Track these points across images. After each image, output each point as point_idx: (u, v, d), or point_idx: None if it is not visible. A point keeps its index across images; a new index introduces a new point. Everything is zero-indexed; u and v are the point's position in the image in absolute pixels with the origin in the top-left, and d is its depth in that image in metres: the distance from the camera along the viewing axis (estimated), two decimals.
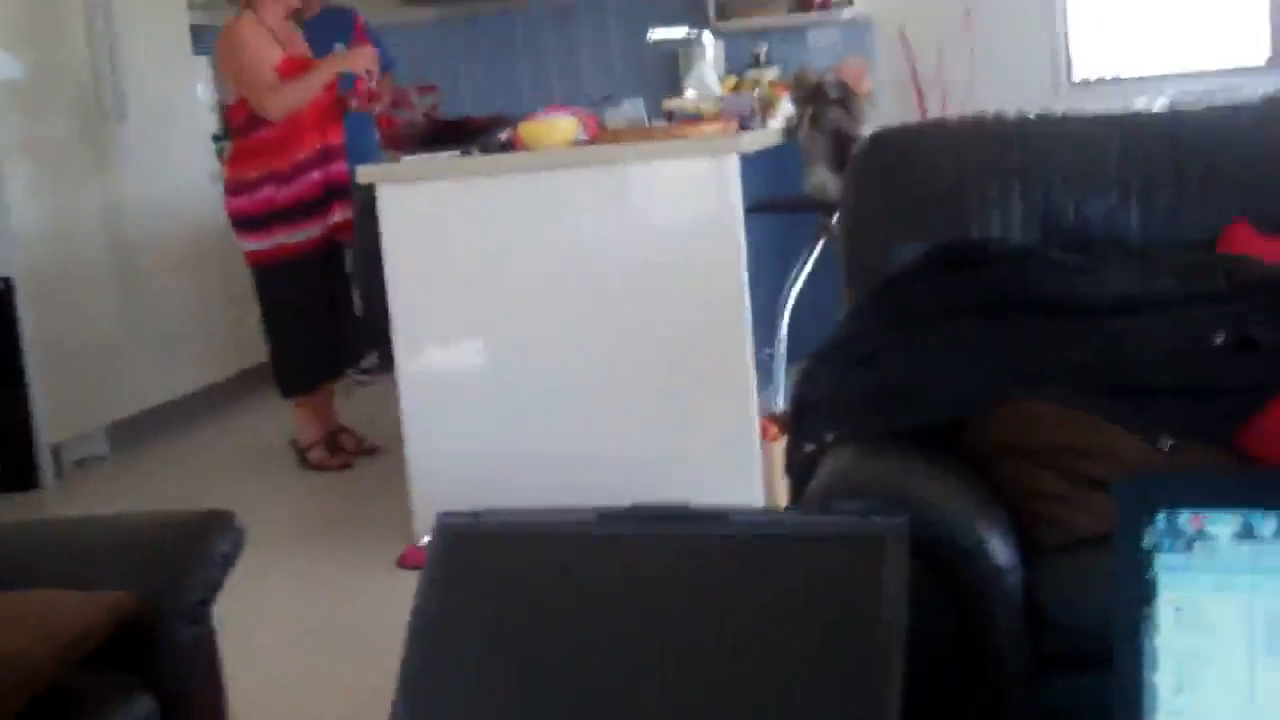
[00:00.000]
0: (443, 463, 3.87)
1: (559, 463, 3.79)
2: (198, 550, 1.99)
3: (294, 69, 4.77)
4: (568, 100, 7.23)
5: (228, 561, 2.03)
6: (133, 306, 5.57)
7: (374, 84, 4.85)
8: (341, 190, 4.83)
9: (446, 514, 1.29)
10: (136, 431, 5.59)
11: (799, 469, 2.18)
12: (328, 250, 4.88)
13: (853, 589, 1.29)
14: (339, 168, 4.84)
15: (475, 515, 1.27)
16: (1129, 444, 1.87)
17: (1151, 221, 2.39)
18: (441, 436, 3.88)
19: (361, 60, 4.83)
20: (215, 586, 2.00)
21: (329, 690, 3.09)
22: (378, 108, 4.89)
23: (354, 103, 4.89)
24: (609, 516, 1.25)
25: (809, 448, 2.13)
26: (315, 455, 5.02)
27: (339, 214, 4.82)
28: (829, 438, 2.10)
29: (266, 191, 4.76)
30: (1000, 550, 1.79)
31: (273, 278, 4.90)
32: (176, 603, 1.95)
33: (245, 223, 4.85)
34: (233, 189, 4.86)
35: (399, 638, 3.33)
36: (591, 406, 3.79)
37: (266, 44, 4.75)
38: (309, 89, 4.74)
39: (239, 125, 4.83)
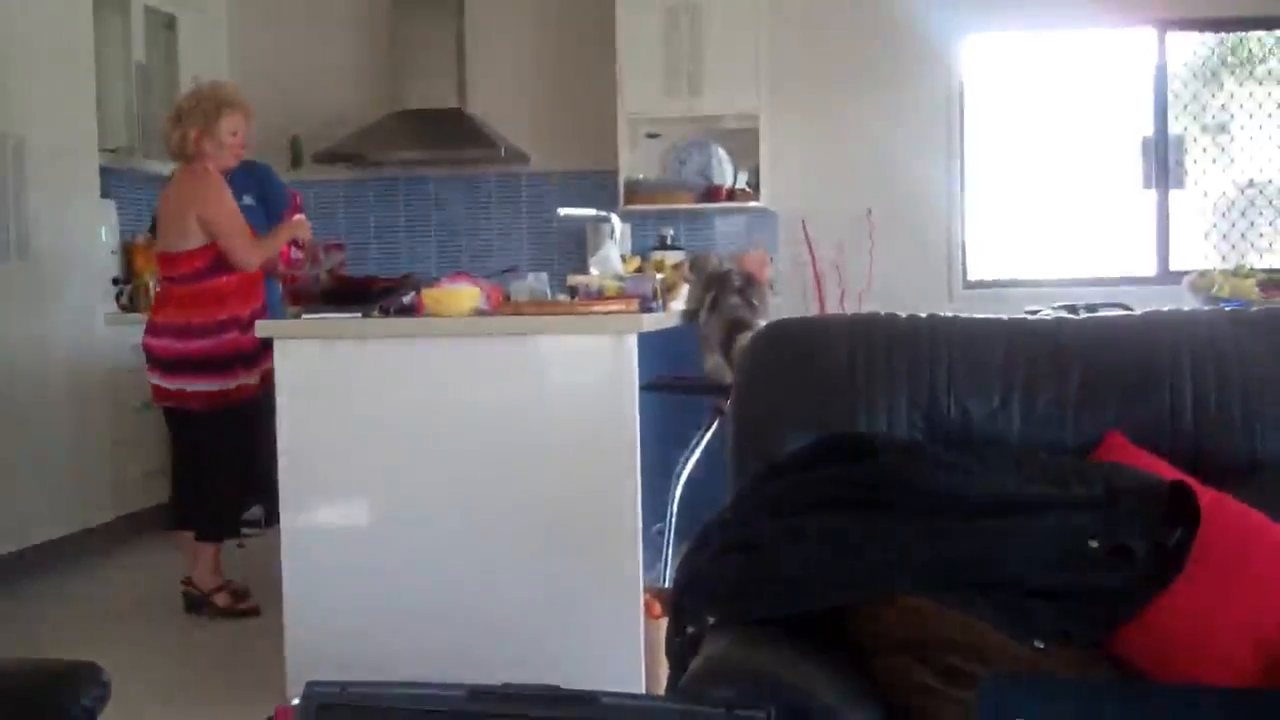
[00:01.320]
0: (321, 623, 3.81)
1: (440, 630, 3.75)
2: (59, 703, 1.93)
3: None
4: (475, 268, 7.34)
5: (89, 717, 1.97)
6: (11, 445, 5.46)
7: (301, 256, 5.03)
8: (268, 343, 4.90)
9: (314, 683, 1.27)
10: (5, 570, 5.43)
11: (679, 651, 2.17)
12: (258, 398, 4.89)
13: None
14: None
15: (343, 686, 1.25)
16: (1002, 642, 1.89)
17: (1032, 425, 2.45)
18: (322, 595, 3.82)
19: (304, 232, 5.12)
20: None
21: None
22: (321, 275, 5.01)
23: (281, 269, 5.06)
24: (480, 694, 1.24)
25: (689, 630, 2.13)
26: (222, 599, 4.96)
27: (267, 363, 4.84)
28: (709, 621, 2.10)
29: (232, 335, 4.87)
30: None
31: (225, 418, 4.93)
32: None
33: (204, 364, 4.89)
34: (188, 332, 4.89)
35: None
36: (477, 573, 3.76)
37: (232, 198, 4.94)
38: (275, 246, 5.04)
39: (195, 271, 4.91)
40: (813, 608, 2.05)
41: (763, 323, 4.37)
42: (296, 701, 3.70)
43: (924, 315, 2.64)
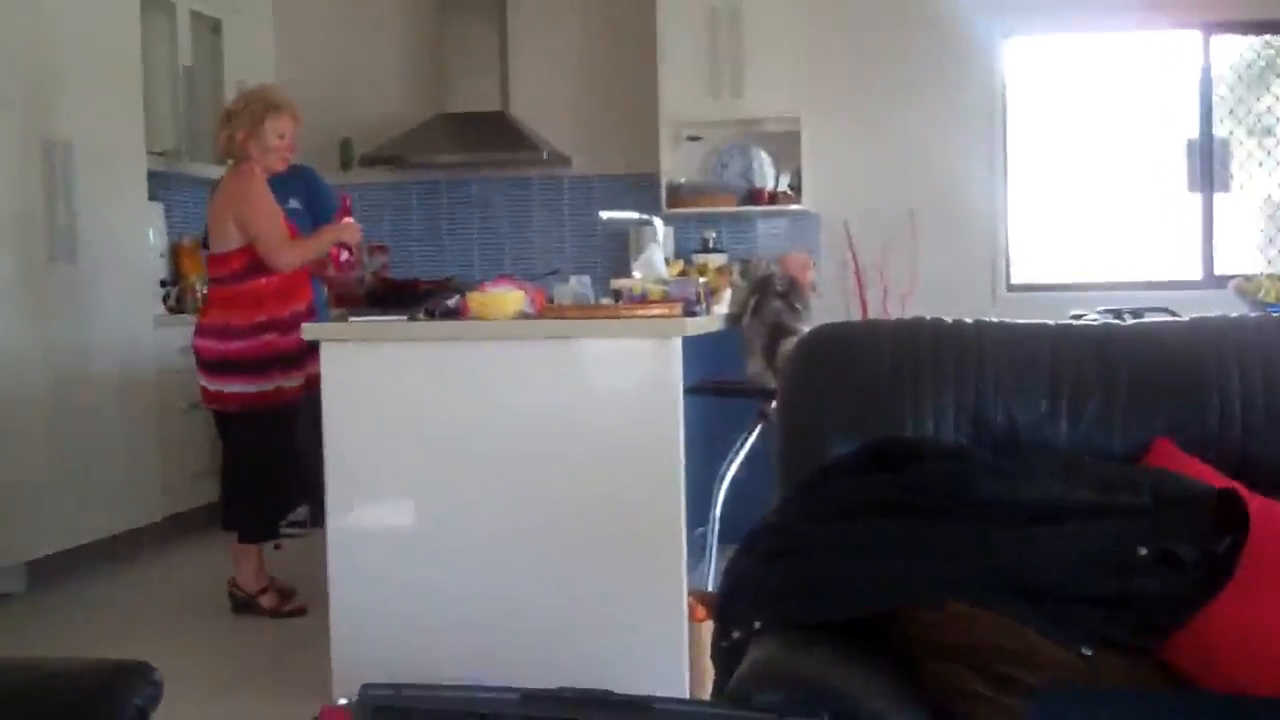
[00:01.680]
0: (366, 623, 3.84)
1: (483, 631, 3.77)
2: (112, 702, 1.95)
3: (290, 226, 5.04)
4: (517, 271, 7.37)
5: (142, 716, 1.99)
6: (62, 445, 5.53)
7: (352, 258, 5.05)
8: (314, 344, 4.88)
9: (369, 686, 1.29)
10: (55, 570, 5.50)
11: (724, 655, 2.18)
12: (303, 400, 4.92)
13: None
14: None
15: (397, 688, 1.27)
16: (1050, 649, 1.89)
17: (1079, 431, 2.45)
18: (367, 597, 3.85)
19: (353, 234, 5.06)
20: None
21: None
22: (365, 277, 5.04)
23: (330, 271, 5.04)
24: (533, 698, 1.25)
25: (735, 635, 2.14)
26: (268, 600, 4.99)
27: (313, 366, 4.85)
28: (755, 625, 2.11)
29: (270, 336, 4.89)
30: None
31: (263, 421, 4.95)
32: None
33: (240, 365, 4.91)
34: (227, 333, 4.92)
35: None
36: (520, 576, 3.78)
37: (273, 199, 4.96)
38: (317, 249, 5.01)
39: (235, 272, 4.94)
40: (859, 613, 2.06)
41: (805, 327, 4.37)
42: (344, 702, 3.72)
43: (970, 320, 2.64)
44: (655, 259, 4.59)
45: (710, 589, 4.40)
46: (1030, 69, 7.47)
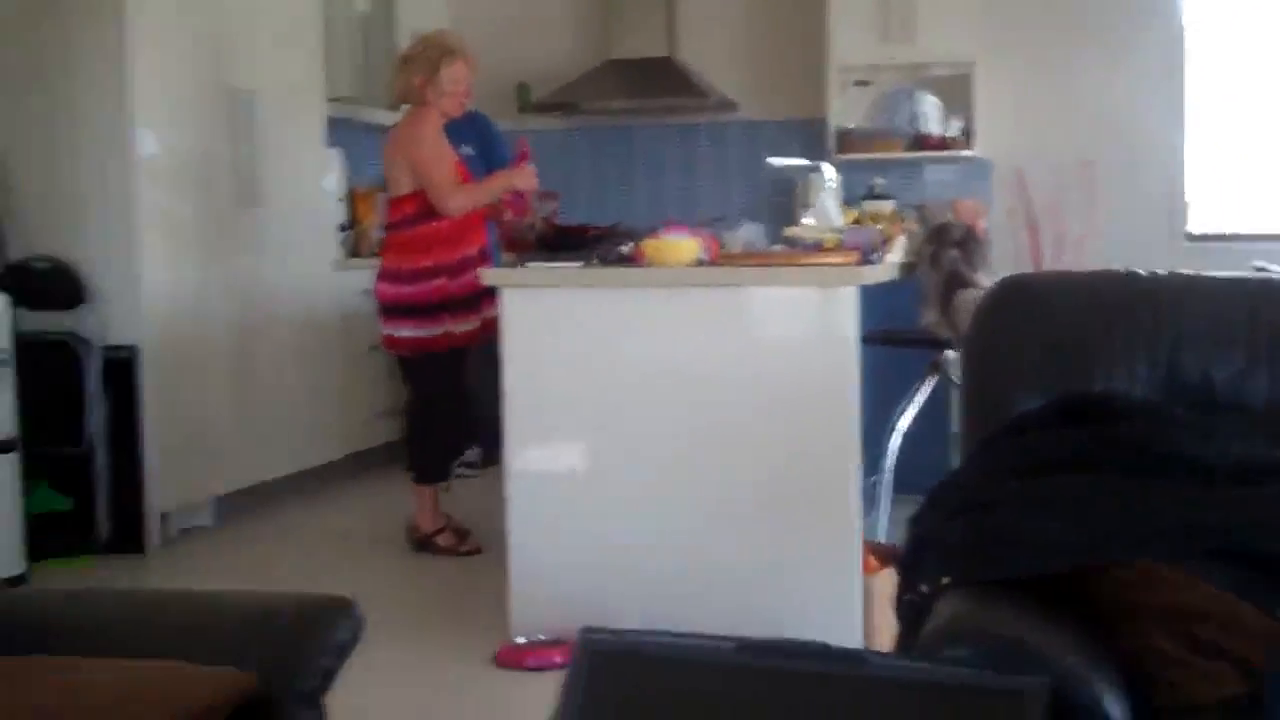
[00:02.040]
0: (542, 564, 3.92)
1: (657, 577, 3.83)
2: (319, 636, 2.04)
3: (462, 171, 5.08)
4: (682, 217, 7.37)
5: (346, 650, 2.07)
6: (248, 384, 5.72)
7: (525, 202, 5.05)
8: (491, 289, 4.89)
9: (589, 629, 1.33)
10: (242, 505, 5.71)
11: (910, 610, 2.18)
12: (478, 343, 5.03)
13: None
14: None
15: (617, 633, 1.30)
16: (1255, 616, 1.86)
17: (1278, 389, 2.39)
18: (544, 538, 3.93)
19: (528, 180, 5.09)
20: (332, 674, 2.04)
21: None
22: (536, 223, 5.06)
23: (507, 214, 5.05)
24: (748, 647, 1.28)
25: (923, 589, 2.14)
26: (445, 540, 5.12)
27: (489, 310, 4.93)
28: (943, 581, 2.11)
29: (439, 281, 4.98)
30: (1115, 709, 1.78)
31: (432, 364, 5.06)
32: (294, 686, 1.99)
33: (410, 309, 5.01)
34: (398, 277, 5.03)
35: None
36: (694, 521, 3.82)
37: (445, 144, 5.02)
38: (488, 194, 5.05)
39: (407, 217, 5.03)
40: (1051, 571, 2.04)
41: (982, 277, 4.32)
42: (521, 640, 3.81)
43: (1163, 272, 2.58)
44: (830, 207, 4.57)
45: (882, 539, 4.40)
46: (1211, 10, 7.21)
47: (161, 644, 2.06)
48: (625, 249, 4.14)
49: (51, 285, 5.13)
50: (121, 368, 5.13)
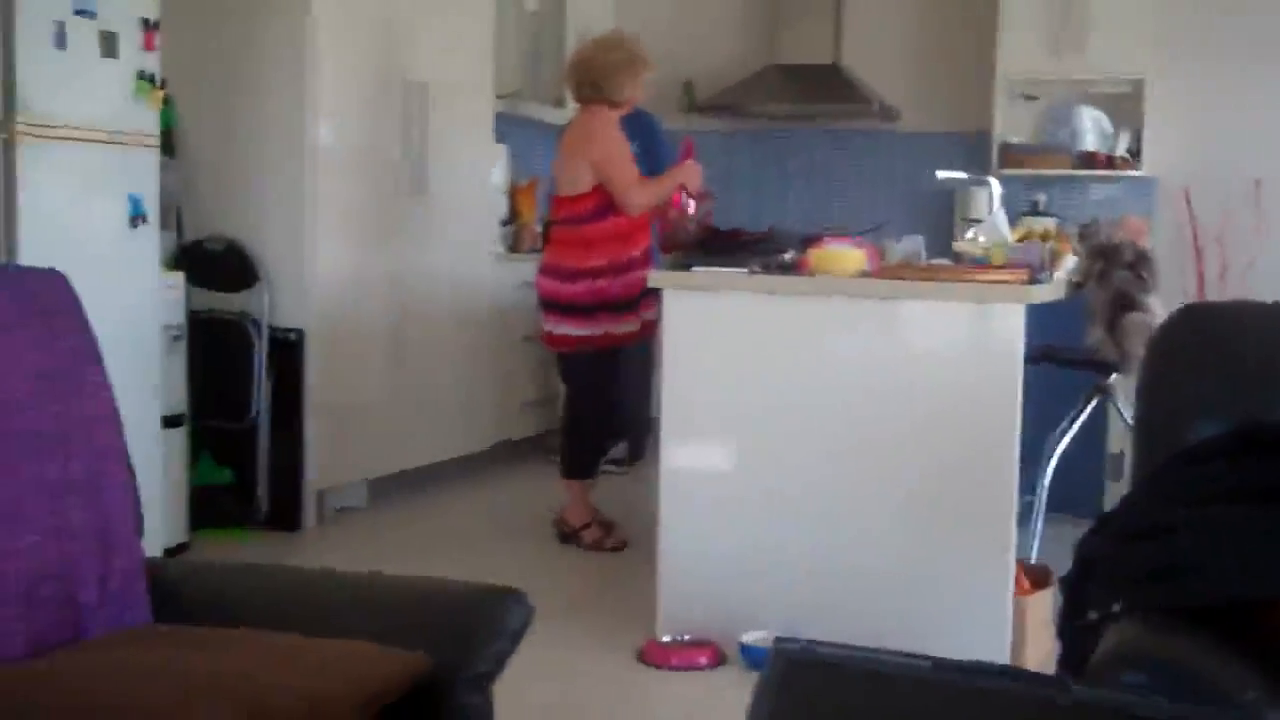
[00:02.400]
0: (692, 564, 3.95)
1: (805, 580, 3.83)
2: (494, 623, 2.09)
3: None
4: (837, 224, 7.34)
5: (518, 637, 2.12)
6: (404, 371, 5.84)
7: (689, 202, 5.06)
8: (651, 290, 4.80)
9: (783, 639, 1.34)
10: (393, 489, 5.84)
11: (1077, 635, 2.16)
12: (634, 344, 5.10)
13: None
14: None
15: (810, 644, 1.32)
16: None
17: None
18: (695, 538, 3.95)
19: (695, 178, 5.11)
20: (503, 660, 2.10)
21: None
22: (691, 224, 5.07)
23: (672, 214, 5.06)
24: (945, 667, 1.28)
25: (1091, 616, 2.12)
26: (590, 535, 5.19)
27: (649, 312, 4.99)
28: (1114, 608, 2.09)
29: (602, 282, 5.03)
30: None
31: (590, 363, 5.12)
32: (466, 671, 2.05)
33: (570, 308, 5.07)
34: (559, 273, 5.08)
35: None
36: (844, 530, 3.81)
37: (626, 143, 5.07)
38: (665, 191, 5.03)
39: (581, 214, 5.06)
40: (1228, 601, 2.01)
41: (1152, 299, 4.25)
42: (667, 639, 3.82)
43: None
44: (999, 222, 4.52)
45: (1034, 559, 4.35)
46: None
47: (338, 622, 2.12)
48: (788, 257, 4.15)
49: (224, 266, 5.30)
50: (287, 349, 5.28)
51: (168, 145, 5.06)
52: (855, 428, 3.80)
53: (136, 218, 4.35)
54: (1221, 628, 2.01)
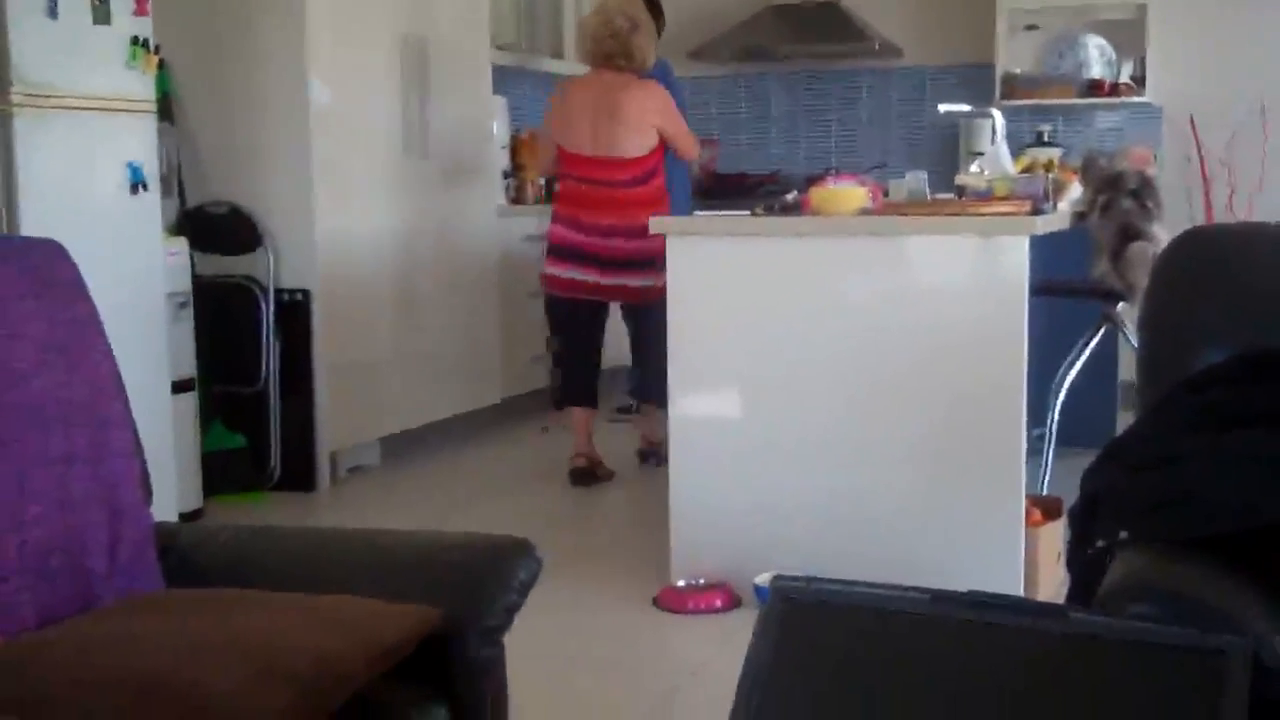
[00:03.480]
0: (704, 508, 3.95)
1: (816, 524, 3.84)
2: (503, 575, 2.09)
3: None
4: (843, 164, 7.33)
5: (526, 589, 2.12)
6: (412, 329, 5.84)
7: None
8: None
9: (781, 576, 1.35)
10: (406, 446, 5.86)
11: (1085, 565, 2.16)
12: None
13: (1189, 703, 1.29)
14: None
15: (809, 580, 1.32)
16: None
17: None
18: (705, 483, 3.96)
19: None
20: (513, 612, 2.10)
21: (589, 718, 3.19)
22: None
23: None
24: (944, 599, 1.28)
25: (1099, 545, 2.12)
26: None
27: None
28: (1121, 536, 2.08)
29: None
30: None
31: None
32: (477, 623, 2.05)
33: (658, 261, 5.12)
34: (633, 233, 5.10)
35: (653, 675, 3.42)
36: (854, 469, 3.81)
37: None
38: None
39: (653, 169, 5.33)
40: (1237, 530, 2.00)
41: (1157, 228, 4.22)
42: (682, 584, 3.84)
43: None
44: (1002, 155, 4.49)
45: (1045, 491, 4.35)
46: None
47: (348, 580, 2.13)
48: (791, 198, 4.14)
49: (228, 230, 5.29)
50: (294, 311, 5.28)
51: (165, 111, 5.04)
52: (862, 366, 3.79)
53: (136, 185, 4.34)
54: (1228, 556, 2.01)
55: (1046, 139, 7.09)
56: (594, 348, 5.51)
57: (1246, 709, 1.35)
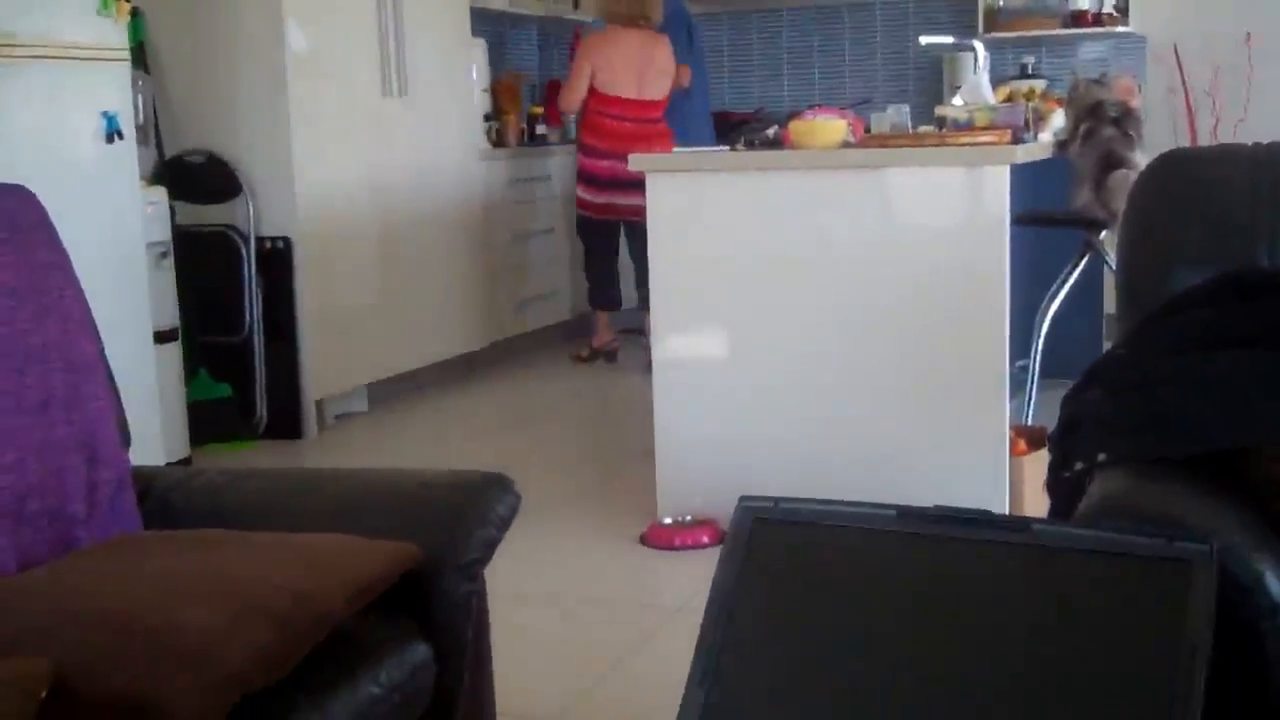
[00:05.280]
0: (689, 446, 3.96)
1: (800, 460, 3.84)
2: (480, 510, 2.09)
3: None
4: (827, 101, 7.28)
5: (505, 524, 2.12)
6: (396, 274, 5.82)
7: None
8: None
9: (748, 498, 1.34)
10: (393, 392, 5.85)
11: (1064, 487, 2.17)
12: None
13: (1155, 610, 1.30)
14: None
15: (775, 501, 1.32)
16: None
17: None
18: (690, 420, 3.96)
19: None
20: (492, 547, 2.10)
21: (576, 654, 3.20)
22: None
23: None
24: (910, 515, 1.28)
25: (1078, 466, 2.12)
26: None
27: None
28: (1100, 458, 2.08)
29: None
30: (1278, 587, 1.75)
31: None
32: (456, 559, 2.05)
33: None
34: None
35: (641, 611, 3.44)
36: (838, 405, 3.82)
37: None
38: None
39: (661, 115, 6.40)
40: (1213, 449, 2.00)
41: (1138, 156, 4.21)
42: (669, 520, 3.86)
43: None
44: (982, 85, 4.46)
45: (1029, 422, 4.35)
46: None
47: (327, 519, 2.12)
48: (771, 133, 4.11)
49: (206, 178, 5.26)
50: (276, 259, 5.26)
51: (140, 60, 5.00)
52: (844, 300, 3.78)
53: (112, 134, 4.29)
54: (1205, 476, 2.01)
55: (1030, 71, 7.06)
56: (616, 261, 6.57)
57: (1212, 618, 1.35)
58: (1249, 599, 1.76)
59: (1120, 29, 7.04)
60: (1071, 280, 4.61)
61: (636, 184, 6.02)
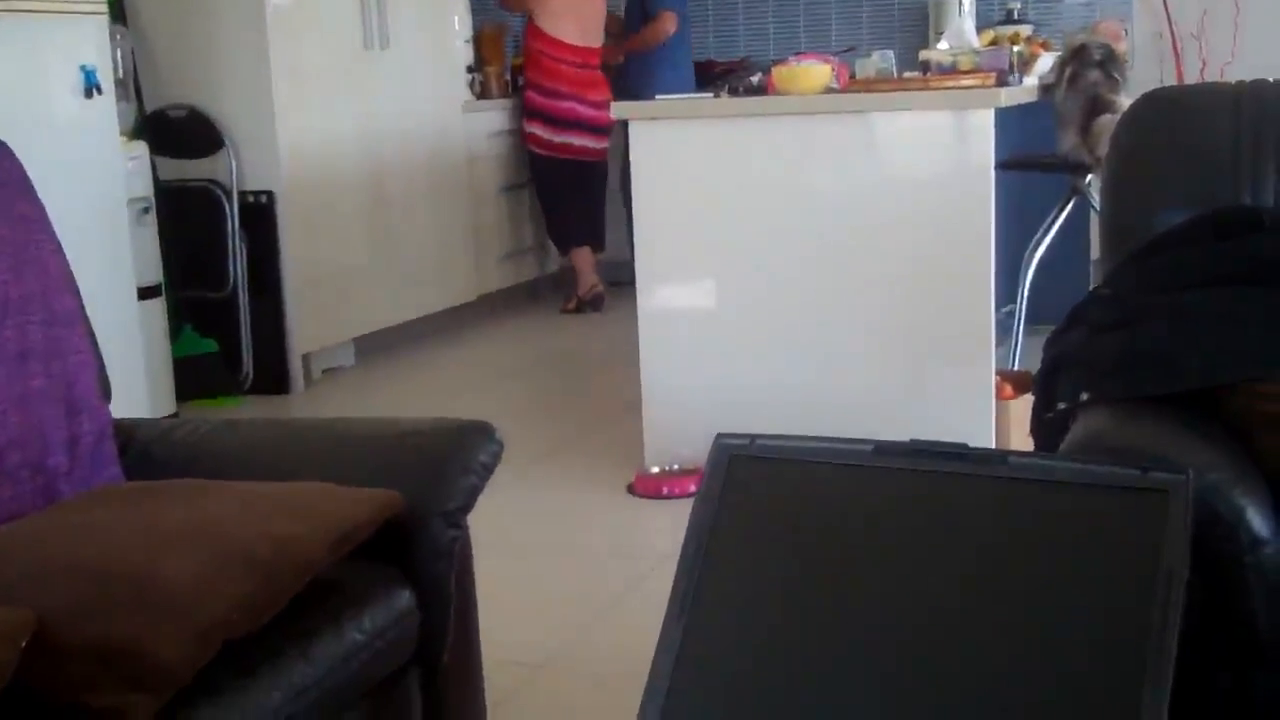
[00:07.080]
0: (675, 394, 3.96)
1: (788, 408, 3.83)
2: (462, 457, 2.09)
3: None
4: (812, 49, 7.23)
5: (487, 471, 2.12)
6: (380, 227, 5.79)
7: None
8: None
9: (724, 435, 1.34)
10: (380, 346, 5.84)
11: (1048, 428, 2.17)
12: None
13: (1132, 539, 1.30)
14: None
15: (751, 438, 1.31)
16: None
17: None
18: (676, 369, 3.95)
19: None
20: (474, 494, 2.09)
21: (564, 601, 3.22)
22: None
23: None
24: (886, 450, 1.28)
25: (1061, 407, 2.12)
26: None
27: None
28: (1083, 398, 2.08)
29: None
30: (1259, 521, 1.76)
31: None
32: (439, 506, 2.04)
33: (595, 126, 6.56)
34: (602, 104, 6.34)
35: (629, 558, 3.44)
36: (825, 352, 3.81)
37: None
38: None
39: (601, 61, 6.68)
40: (1196, 386, 2.01)
41: (1123, 100, 4.19)
42: (656, 469, 3.86)
43: None
44: (966, 28, 4.44)
45: (1016, 368, 4.36)
46: None
47: (308, 469, 2.12)
48: (755, 79, 4.09)
49: (188, 133, 5.22)
50: (260, 213, 5.23)
51: (118, 13, 4.95)
52: (829, 246, 3.77)
53: (90, 89, 4.25)
54: (1186, 412, 2.01)
55: (1016, 16, 7.01)
56: (601, 198, 6.71)
57: (1188, 548, 1.36)
58: (1232, 534, 1.77)
59: None
60: (1057, 225, 4.60)
61: (594, 127, 6.45)
